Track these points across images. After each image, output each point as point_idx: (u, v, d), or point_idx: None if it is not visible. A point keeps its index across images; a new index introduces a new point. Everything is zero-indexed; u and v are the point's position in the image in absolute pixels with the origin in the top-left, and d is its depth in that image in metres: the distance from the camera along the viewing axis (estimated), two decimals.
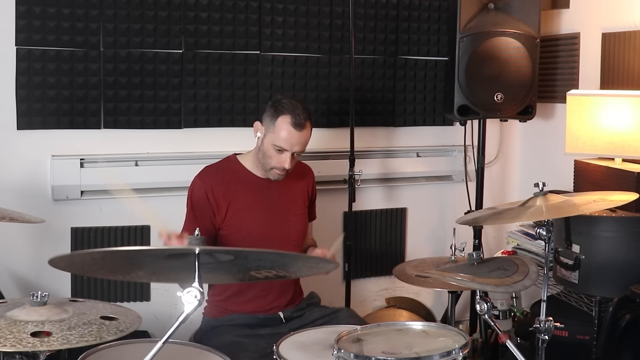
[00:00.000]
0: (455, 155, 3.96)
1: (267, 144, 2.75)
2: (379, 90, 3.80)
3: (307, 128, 2.74)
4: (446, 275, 2.28)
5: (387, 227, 3.93)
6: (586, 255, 2.94)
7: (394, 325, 2.39)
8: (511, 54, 3.44)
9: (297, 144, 2.73)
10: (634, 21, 3.34)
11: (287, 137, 2.71)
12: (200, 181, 2.83)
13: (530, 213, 2.31)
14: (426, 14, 3.84)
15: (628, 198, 2.39)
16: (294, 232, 2.92)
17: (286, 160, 2.74)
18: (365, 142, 3.72)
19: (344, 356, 2.08)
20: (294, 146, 2.73)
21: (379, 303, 3.95)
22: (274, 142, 2.73)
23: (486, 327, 3.45)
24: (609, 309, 2.87)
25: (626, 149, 3.09)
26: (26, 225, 3.14)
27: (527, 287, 2.21)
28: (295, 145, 2.73)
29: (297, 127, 2.70)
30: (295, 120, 2.69)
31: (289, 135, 2.71)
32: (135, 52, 3.29)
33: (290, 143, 2.72)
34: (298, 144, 2.73)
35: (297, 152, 2.76)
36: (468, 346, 2.12)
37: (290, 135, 2.71)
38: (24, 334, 1.91)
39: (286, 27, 3.53)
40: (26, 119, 3.16)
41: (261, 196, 2.86)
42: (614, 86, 3.40)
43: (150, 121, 3.36)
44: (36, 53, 3.13)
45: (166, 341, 1.74)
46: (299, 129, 2.70)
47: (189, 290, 1.72)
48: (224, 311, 2.83)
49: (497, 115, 3.54)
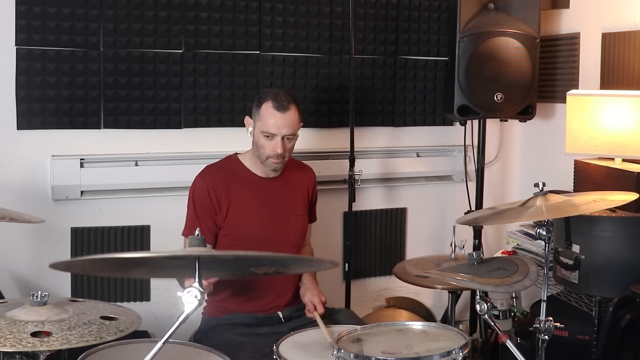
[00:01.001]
0: (455, 155, 3.96)
1: (257, 134, 2.78)
2: (379, 90, 3.79)
3: (292, 110, 2.76)
4: (446, 275, 2.28)
5: (387, 227, 3.93)
6: (586, 255, 2.94)
7: (394, 325, 2.39)
8: (511, 54, 3.44)
9: (284, 126, 2.74)
10: (634, 21, 3.34)
11: (273, 121, 2.73)
12: (202, 180, 2.83)
13: (530, 213, 2.30)
14: (426, 14, 3.84)
15: (628, 198, 2.39)
16: (294, 233, 2.92)
17: (277, 145, 2.74)
18: (365, 142, 3.72)
19: (344, 356, 2.08)
20: (281, 129, 2.74)
21: (379, 303, 3.95)
22: (262, 130, 2.75)
23: (486, 327, 3.46)
24: (609, 309, 2.87)
25: (626, 149, 3.09)
26: (26, 225, 3.14)
27: (527, 287, 2.21)
28: (282, 128, 2.74)
29: (280, 110, 2.72)
30: (278, 103, 2.73)
31: (275, 119, 2.73)
32: (135, 52, 3.29)
33: (277, 126, 2.73)
34: (285, 127, 2.74)
35: (288, 136, 2.76)
36: (468, 346, 2.12)
37: (275, 119, 2.73)
38: (24, 334, 1.91)
39: (286, 27, 3.53)
40: (26, 119, 3.16)
41: (262, 196, 2.86)
42: (614, 86, 3.40)
43: (150, 121, 3.36)
44: (36, 53, 3.13)
45: (166, 341, 1.74)
46: (282, 110, 2.73)
47: (189, 290, 1.72)
48: (223, 311, 2.83)
49: (497, 115, 3.54)
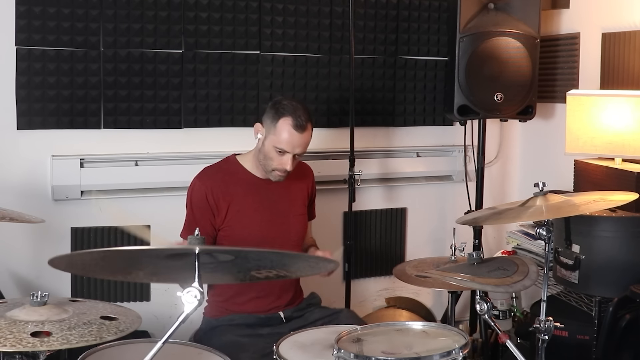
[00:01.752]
0: (455, 155, 3.96)
1: (269, 146, 2.74)
2: (379, 90, 3.80)
3: (308, 130, 2.74)
4: (446, 275, 2.28)
5: (387, 227, 3.93)
6: (586, 255, 2.94)
7: (394, 325, 2.39)
8: (511, 54, 3.44)
9: (299, 145, 2.73)
10: (634, 21, 3.34)
11: (288, 139, 2.70)
12: (200, 182, 2.82)
13: (530, 213, 2.30)
14: (426, 14, 3.84)
15: (628, 198, 2.39)
16: (294, 233, 2.92)
17: (287, 162, 2.73)
18: (365, 142, 3.72)
19: (344, 356, 2.08)
20: (296, 148, 2.72)
21: (379, 303, 3.95)
22: (275, 144, 2.72)
23: (486, 327, 3.45)
24: (609, 309, 2.87)
25: (626, 149, 3.09)
26: (26, 225, 3.14)
27: (527, 287, 2.21)
28: (296, 147, 2.72)
29: (298, 129, 2.70)
30: (297, 122, 2.69)
31: (291, 137, 2.70)
32: (135, 52, 3.29)
33: (291, 145, 2.71)
34: (299, 146, 2.73)
35: (298, 154, 2.76)
36: (468, 346, 2.12)
37: (291, 137, 2.70)
38: (24, 334, 1.90)
39: (286, 27, 3.53)
40: (26, 119, 3.16)
41: (261, 197, 2.86)
42: (614, 86, 3.40)
43: (150, 121, 3.36)
44: (36, 53, 3.13)
45: (166, 341, 1.74)
46: (300, 130, 2.70)
47: (189, 290, 1.72)
48: (224, 311, 2.83)
49: (497, 115, 3.54)
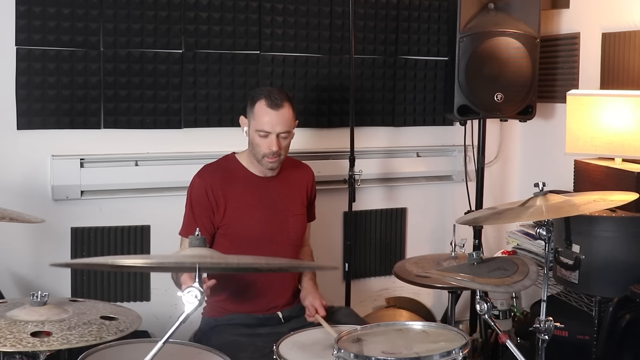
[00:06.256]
0: (455, 155, 3.96)
1: (252, 133, 2.78)
2: (379, 90, 3.79)
3: (285, 107, 2.76)
4: (446, 275, 2.28)
5: (387, 227, 3.93)
6: (586, 255, 2.94)
7: (394, 325, 2.39)
8: (511, 54, 3.44)
9: (278, 123, 2.75)
10: (634, 21, 3.34)
11: (267, 119, 2.74)
12: (200, 179, 2.83)
13: (530, 213, 2.30)
14: (426, 14, 3.83)
15: (628, 198, 2.39)
16: (293, 232, 2.92)
17: (273, 143, 2.75)
18: (365, 142, 3.72)
19: (344, 356, 2.08)
20: (276, 126, 2.74)
21: (379, 303, 3.95)
22: (257, 128, 2.76)
23: (486, 327, 3.46)
24: (609, 309, 2.87)
25: (626, 149, 3.09)
26: (26, 225, 3.14)
27: (527, 287, 2.21)
28: (276, 126, 2.74)
29: (274, 107, 2.73)
30: (271, 101, 2.74)
31: (268, 117, 2.74)
32: (135, 52, 3.29)
33: (271, 124, 2.74)
34: (279, 124, 2.75)
35: (282, 133, 2.76)
36: (468, 346, 2.12)
37: (269, 117, 2.74)
38: (24, 334, 1.91)
39: (286, 27, 3.53)
40: (26, 119, 3.16)
41: (259, 195, 2.86)
42: (614, 86, 3.40)
43: (150, 121, 3.36)
44: (36, 53, 3.13)
45: (166, 341, 1.74)
46: (276, 108, 2.74)
47: (189, 290, 1.73)
48: (223, 311, 2.83)
49: (497, 115, 3.54)
